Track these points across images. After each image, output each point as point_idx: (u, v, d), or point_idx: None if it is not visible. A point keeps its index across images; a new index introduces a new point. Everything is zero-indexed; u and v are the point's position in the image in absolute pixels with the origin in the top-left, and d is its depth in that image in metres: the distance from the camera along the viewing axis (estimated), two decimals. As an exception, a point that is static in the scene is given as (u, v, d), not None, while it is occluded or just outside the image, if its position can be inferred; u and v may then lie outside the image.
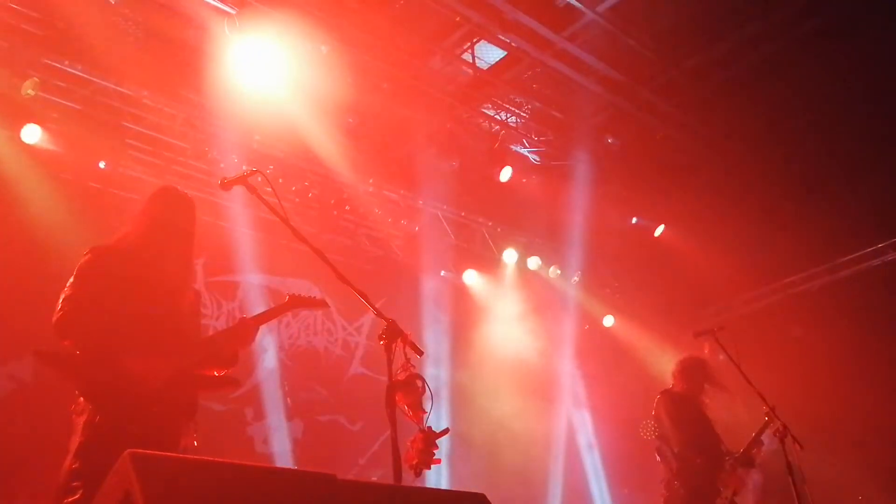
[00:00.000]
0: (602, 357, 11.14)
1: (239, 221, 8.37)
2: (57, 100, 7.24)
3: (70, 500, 3.37)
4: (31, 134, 7.00)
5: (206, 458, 2.22)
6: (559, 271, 11.09)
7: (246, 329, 4.08)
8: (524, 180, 9.95)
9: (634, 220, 11.00)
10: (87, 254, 3.85)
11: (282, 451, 8.40)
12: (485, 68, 8.50)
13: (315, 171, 8.67)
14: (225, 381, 4.07)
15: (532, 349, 10.52)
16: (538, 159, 9.91)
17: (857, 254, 10.43)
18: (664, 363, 8.19)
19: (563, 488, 10.41)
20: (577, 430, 11.09)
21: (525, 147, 9.78)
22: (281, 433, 8.51)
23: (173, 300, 3.94)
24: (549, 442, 10.62)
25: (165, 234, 3.99)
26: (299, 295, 4.38)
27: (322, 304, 4.38)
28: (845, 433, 8.93)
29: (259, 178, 3.87)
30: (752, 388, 6.20)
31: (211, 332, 4.31)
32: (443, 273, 10.42)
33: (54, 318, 3.63)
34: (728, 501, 6.22)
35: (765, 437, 6.34)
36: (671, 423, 6.46)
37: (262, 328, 8.16)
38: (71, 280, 3.75)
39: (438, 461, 3.36)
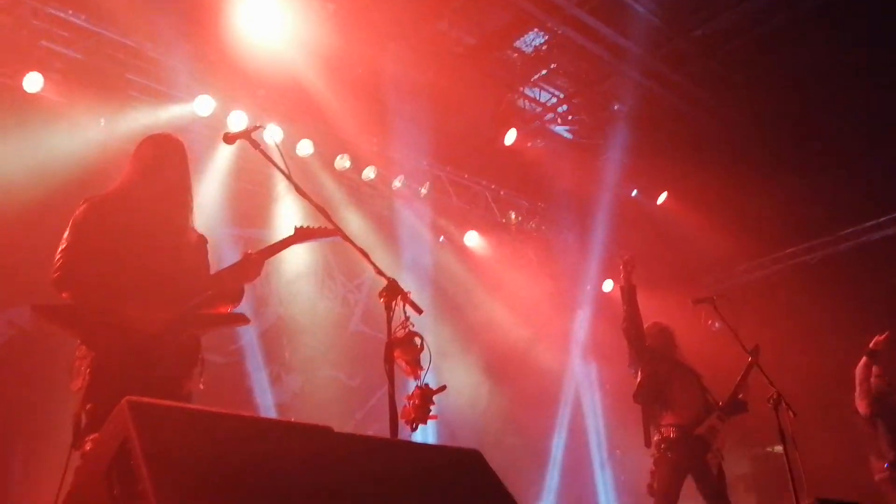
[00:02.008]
0: (602, 321, 11.18)
1: (241, 176, 8.35)
2: (60, 49, 7.18)
3: (93, 437, 3.40)
4: (34, 83, 6.96)
5: (204, 408, 2.24)
6: (560, 235, 11.10)
7: (251, 264, 4.02)
8: (529, 144, 9.93)
9: (634, 192, 11.00)
10: (82, 204, 3.82)
11: (280, 403, 8.47)
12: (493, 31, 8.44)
13: (318, 127, 8.63)
14: (234, 317, 4.04)
15: (532, 311, 10.57)
16: (543, 123, 9.88)
17: (858, 227, 10.44)
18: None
19: (559, 447, 10.52)
20: (579, 389, 11.15)
21: (531, 111, 9.73)
22: (280, 387, 8.58)
23: (173, 243, 3.91)
24: (549, 400, 10.68)
25: (159, 178, 3.94)
26: (307, 227, 4.20)
27: (331, 232, 4.02)
28: (839, 403, 8.98)
29: (262, 133, 3.85)
30: (747, 356, 6.27)
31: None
32: (441, 239, 10.41)
33: (52, 272, 3.63)
34: (719, 454, 6.30)
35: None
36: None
37: (263, 283, 8.21)
38: (67, 232, 3.72)
39: (435, 417, 3.40)
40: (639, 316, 6.57)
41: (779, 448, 5.77)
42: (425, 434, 8.38)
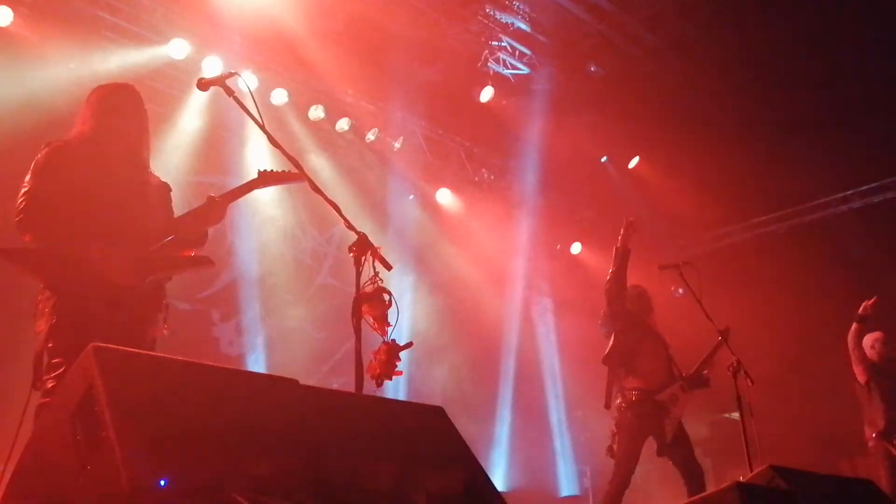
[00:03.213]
0: (568, 282, 11.28)
1: (215, 123, 8.25)
2: (30, -18, 6.99)
3: (55, 374, 3.43)
4: (2, 16, 6.77)
5: (170, 356, 2.24)
6: (531, 195, 11.12)
7: (214, 207, 4.03)
8: (504, 102, 9.88)
9: (604, 158, 11.04)
10: (43, 148, 3.81)
11: (246, 353, 8.49)
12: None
13: (294, 77, 8.53)
14: (198, 259, 4.05)
15: (498, 269, 10.62)
16: (519, 82, 9.82)
17: (826, 199, 10.58)
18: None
19: (518, 407, 10.62)
20: (541, 350, 11.25)
21: (507, 69, 9.67)
22: (246, 336, 8.58)
23: (135, 188, 3.92)
24: (510, 360, 10.76)
25: (116, 124, 3.94)
26: (270, 170, 4.14)
27: (295, 177, 3.93)
28: (799, 372, 9.18)
29: (237, 81, 3.81)
30: (711, 323, 6.35)
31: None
32: (411, 197, 10.37)
33: (15, 215, 3.62)
34: (675, 421, 6.41)
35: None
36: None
37: (233, 233, 8.16)
38: (28, 177, 3.71)
39: (400, 373, 3.43)
40: (625, 279, 6.59)
41: (736, 415, 5.90)
42: (389, 390, 8.43)
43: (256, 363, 8.42)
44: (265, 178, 4.15)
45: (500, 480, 9.92)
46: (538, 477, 10.60)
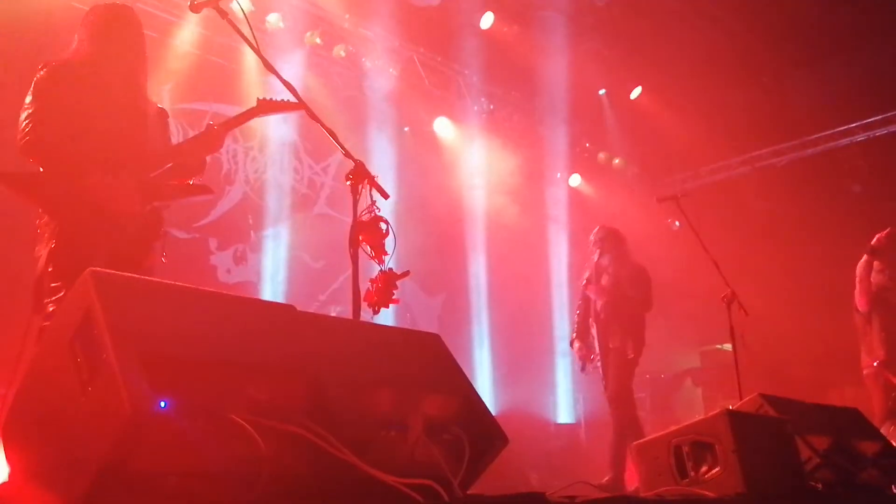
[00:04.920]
0: (568, 212, 11.28)
1: (208, 49, 8.12)
2: None
3: (55, 298, 3.44)
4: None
5: (169, 281, 2.25)
6: (531, 126, 11.03)
7: (213, 135, 3.98)
8: (505, 29, 9.72)
9: (602, 91, 10.93)
10: (42, 68, 3.74)
11: (244, 282, 8.52)
12: None
13: (289, 2, 8.36)
14: (197, 188, 4.04)
15: (498, 199, 10.60)
16: (521, 8, 9.64)
17: (827, 132, 10.51)
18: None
19: (521, 330, 10.70)
20: (551, 277, 11.29)
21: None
22: (243, 265, 8.61)
23: (134, 114, 3.88)
24: (514, 284, 10.79)
25: (114, 47, 3.88)
26: (270, 99, 4.04)
27: (294, 106, 3.86)
28: (795, 305, 9.25)
29: (231, 3, 3.73)
30: (707, 255, 6.37)
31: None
32: (406, 129, 10.25)
33: (19, 138, 3.57)
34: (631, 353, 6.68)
35: None
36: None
37: (230, 161, 8.11)
38: (30, 97, 3.65)
39: (397, 301, 3.46)
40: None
41: (728, 346, 5.97)
42: (385, 319, 8.48)
43: (254, 291, 8.46)
44: (264, 107, 4.08)
45: (492, 403, 10.03)
46: (535, 402, 10.71)
